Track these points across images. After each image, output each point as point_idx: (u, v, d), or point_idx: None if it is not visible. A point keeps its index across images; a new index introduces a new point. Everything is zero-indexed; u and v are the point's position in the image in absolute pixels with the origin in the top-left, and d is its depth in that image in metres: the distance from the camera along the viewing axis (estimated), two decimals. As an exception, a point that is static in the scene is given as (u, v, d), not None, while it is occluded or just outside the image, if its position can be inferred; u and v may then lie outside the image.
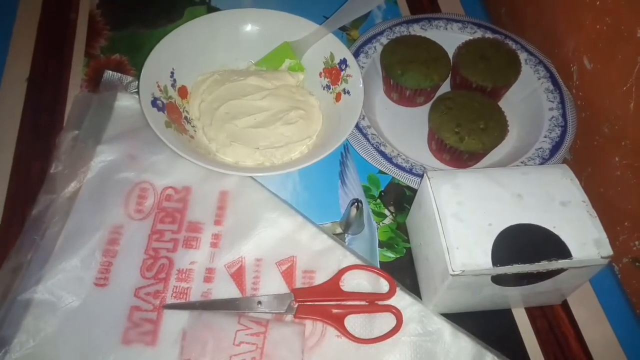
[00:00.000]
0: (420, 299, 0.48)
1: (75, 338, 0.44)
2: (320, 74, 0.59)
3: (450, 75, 0.60)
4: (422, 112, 0.59)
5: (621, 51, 0.52)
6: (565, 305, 0.49)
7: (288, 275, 0.48)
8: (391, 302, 0.46)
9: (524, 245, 0.41)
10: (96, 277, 0.46)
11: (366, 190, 0.55)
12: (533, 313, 0.49)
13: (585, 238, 0.41)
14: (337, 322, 0.45)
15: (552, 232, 0.41)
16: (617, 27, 0.52)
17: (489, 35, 0.64)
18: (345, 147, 0.58)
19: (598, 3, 0.55)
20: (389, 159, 0.53)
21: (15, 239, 0.48)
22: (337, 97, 0.57)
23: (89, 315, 0.45)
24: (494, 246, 0.41)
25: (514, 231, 0.41)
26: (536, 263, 0.40)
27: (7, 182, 0.53)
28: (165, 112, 0.52)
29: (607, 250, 0.41)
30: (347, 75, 0.56)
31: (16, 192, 0.53)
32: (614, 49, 0.53)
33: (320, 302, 0.46)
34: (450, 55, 0.60)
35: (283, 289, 0.47)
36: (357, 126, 0.55)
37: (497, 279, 0.42)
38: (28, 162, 0.55)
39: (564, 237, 0.41)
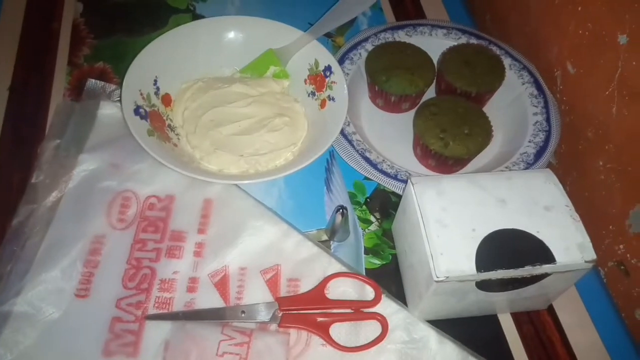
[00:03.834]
0: (406, 305, 0.47)
1: (55, 351, 0.43)
2: (305, 80, 0.59)
3: (435, 81, 0.61)
4: (407, 118, 0.59)
5: (603, 56, 0.53)
6: (551, 310, 0.49)
7: (272, 283, 0.47)
8: (377, 309, 0.46)
9: (508, 251, 0.41)
10: (77, 288, 0.46)
11: (352, 196, 0.55)
12: (519, 318, 0.49)
13: (569, 242, 0.41)
14: (322, 330, 0.45)
15: (535, 237, 0.41)
16: (599, 32, 0.53)
17: (473, 41, 0.64)
18: (331, 154, 0.57)
19: (580, 9, 0.55)
20: (374, 165, 0.53)
21: (-6, 250, 0.47)
22: (322, 104, 0.56)
23: (69, 327, 0.44)
24: (478, 252, 0.40)
25: (498, 236, 0.41)
26: (520, 268, 0.40)
27: (-13, 192, 0.52)
28: (148, 120, 0.52)
29: (591, 255, 0.41)
30: (332, 82, 0.56)
31: (-4, 202, 0.52)
32: (596, 54, 0.54)
33: (305, 311, 0.46)
34: (435, 61, 0.61)
35: (267, 297, 0.47)
36: (342, 132, 0.54)
37: (482, 285, 0.41)
38: (9, 172, 0.54)
39: (548, 242, 0.41)
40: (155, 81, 0.55)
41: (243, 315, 0.45)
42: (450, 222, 0.42)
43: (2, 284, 0.45)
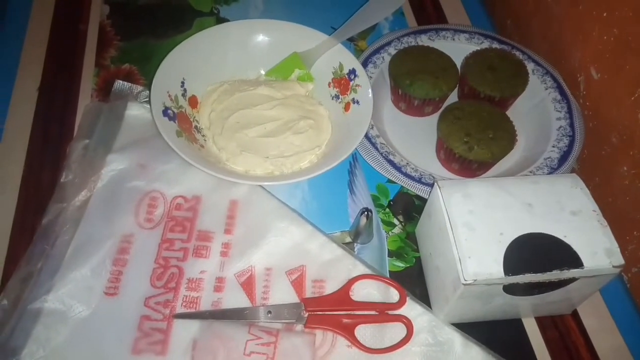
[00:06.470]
0: (431, 308, 0.48)
1: (85, 348, 0.44)
2: (329, 83, 0.59)
3: (458, 85, 0.61)
4: (430, 122, 0.60)
5: (628, 62, 0.53)
6: (575, 315, 0.49)
7: (298, 284, 0.48)
8: (401, 311, 0.46)
9: (536, 255, 0.41)
10: (106, 287, 0.46)
11: (375, 199, 0.55)
12: (543, 323, 0.49)
13: (597, 247, 0.41)
14: (348, 331, 0.45)
15: (563, 241, 0.41)
16: (624, 38, 0.53)
17: (496, 45, 0.64)
18: (354, 157, 0.58)
19: (605, 14, 0.55)
20: (398, 168, 0.54)
21: (25, 248, 0.48)
22: (346, 107, 0.57)
23: (99, 324, 0.45)
24: (506, 255, 0.41)
25: (526, 240, 0.41)
26: (548, 272, 0.40)
27: (17, 191, 0.53)
28: (176, 121, 0.53)
29: (619, 260, 0.41)
30: (356, 85, 0.57)
31: (26, 201, 0.53)
32: (621, 59, 0.54)
33: (331, 312, 0.46)
34: (458, 66, 0.61)
35: (293, 298, 0.47)
36: (366, 135, 0.55)
37: (509, 289, 0.42)
38: (38, 171, 0.55)
39: (575, 247, 0.41)
40: (183, 83, 0.56)
41: (269, 315, 0.45)
42: (477, 225, 0.42)
43: (33, 281, 0.46)
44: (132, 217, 0.50)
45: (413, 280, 0.50)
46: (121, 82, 0.59)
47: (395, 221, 0.54)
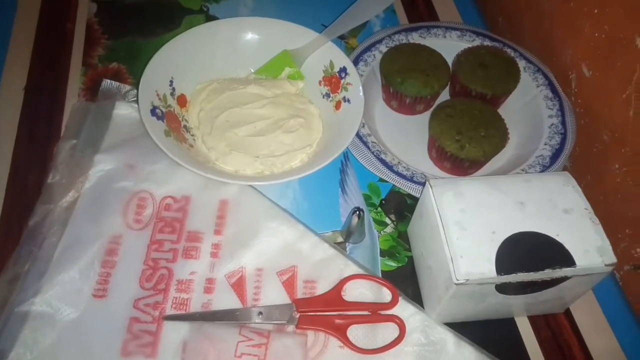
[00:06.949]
0: (423, 308, 0.47)
1: (74, 350, 0.43)
2: (320, 82, 0.59)
3: (449, 83, 0.61)
4: (421, 120, 0.59)
5: (620, 59, 0.52)
6: (568, 313, 0.49)
7: (289, 285, 0.47)
8: (394, 311, 0.46)
9: (528, 254, 0.41)
10: (95, 289, 0.46)
11: (367, 198, 0.55)
12: (536, 322, 0.48)
13: (589, 246, 0.41)
14: (340, 332, 0.45)
15: (555, 239, 0.41)
16: (616, 35, 0.53)
17: (487, 43, 0.64)
18: (345, 156, 0.57)
19: (596, 11, 0.55)
20: (389, 167, 0.53)
21: (12, 250, 0.47)
22: (337, 105, 0.56)
23: (87, 327, 0.44)
24: (498, 254, 0.40)
25: (518, 239, 0.41)
26: (540, 271, 0.40)
27: (3, 192, 0.52)
28: (165, 120, 0.52)
29: (611, 258, 0.41)
30: (347, 84, 0.56)
31: (13, 202, 0.52)
32: (612, 56, 0.54)
33: (322, 313, 0.46)
34: (449, 63, 0.60)
35: (284, 299, 0.47)
36: (357, 134, 0.54)
37: (501, 288, 0.41)
38: (25, 172, 0.54)
39: (568, 245, 0.41)
40: (171, 82, 0.55)
41: (260, 316, 0.45)
42: (469, 224, 0.42)
43: (20, 284, 0.45)
44: (120, 218, 0.50)
45: (405, 280, 0.50)
46: (109, 81, 0.58)
47: (387, 220, 0.54)
